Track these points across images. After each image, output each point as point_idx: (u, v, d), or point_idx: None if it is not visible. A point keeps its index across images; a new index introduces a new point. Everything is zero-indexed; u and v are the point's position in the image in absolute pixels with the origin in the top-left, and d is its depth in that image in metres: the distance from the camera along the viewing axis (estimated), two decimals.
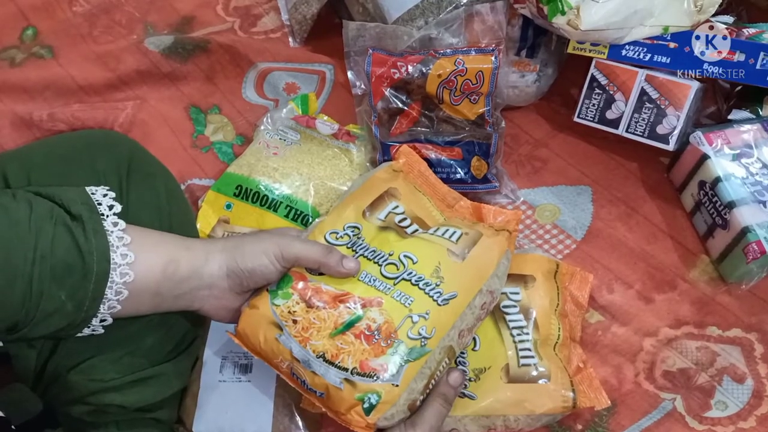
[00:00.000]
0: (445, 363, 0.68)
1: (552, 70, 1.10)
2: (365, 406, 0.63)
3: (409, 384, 0.64)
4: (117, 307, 0.63)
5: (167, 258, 0.65)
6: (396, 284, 0.69)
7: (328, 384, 0.64)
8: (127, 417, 0.72)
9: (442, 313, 0.68)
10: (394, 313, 0.66)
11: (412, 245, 0.72)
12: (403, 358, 0.64)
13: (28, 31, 1.31)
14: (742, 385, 0.84)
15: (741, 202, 0.89)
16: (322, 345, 0.65)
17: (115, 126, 1.14)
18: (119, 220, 0.64)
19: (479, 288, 0.71)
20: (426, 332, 0.66)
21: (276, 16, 1.30)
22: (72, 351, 0.70)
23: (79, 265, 0.60)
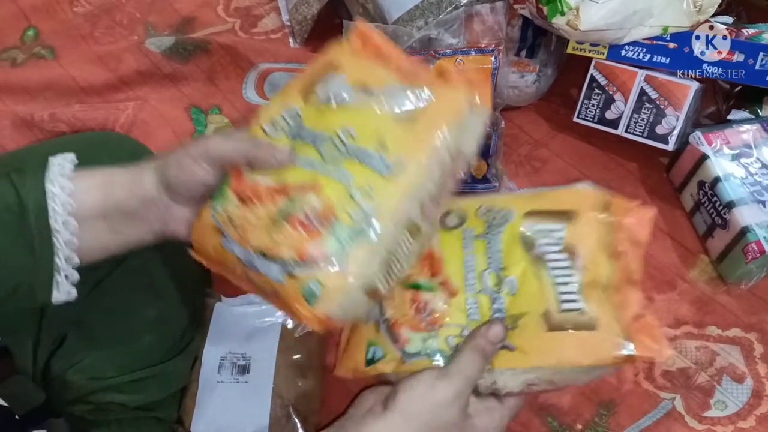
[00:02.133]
0: (407, 243, 0.60)
1: (551, 71, 1.10)
2: (307, 296, 0.57)
3: (358, 268, 0.57)
4: (74, 241, 0.59)
5: (102, 179, 0.62)
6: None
7: (273, 282, 0.58)
8: (128, 416, 0.73)
9: (390, 185, 0.59)
10: (334, 195, 0.59)
11: (352, 117, 0.62)
12: (345, 241, 0.57)
13: (29, 32, 1.31)
14: (741, 385, 0.84)
15: (740, 202, 0.89)
16: (260, 242, 0.59)
17: (116, 126, 1.14)
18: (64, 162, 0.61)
19: (433, 148, 0.61)
20: (371, 210, 0.58)
21: (276, 16, 1.30)
22: (71, 350, 0.71)
23: (14, 200, 0.58)
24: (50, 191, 0.59)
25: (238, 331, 0.86)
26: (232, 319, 0.87)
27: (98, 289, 0.70)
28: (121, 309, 0.72)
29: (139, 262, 0.72)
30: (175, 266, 0.77)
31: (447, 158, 0.61)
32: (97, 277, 0.70)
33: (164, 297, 0.75)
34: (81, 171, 0.62)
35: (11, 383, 0.64)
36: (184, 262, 0.78)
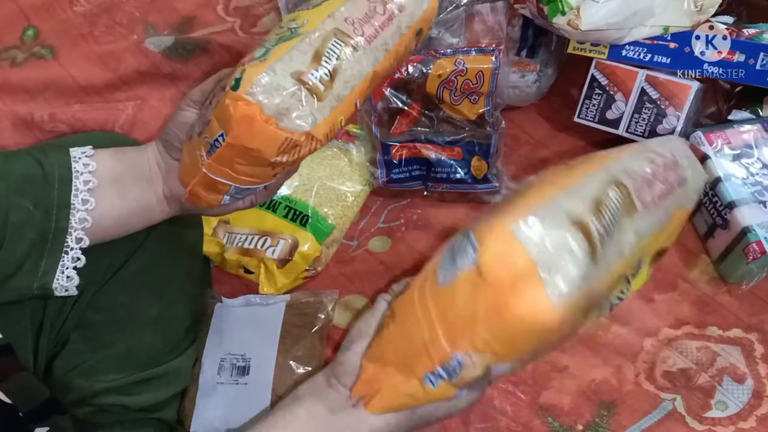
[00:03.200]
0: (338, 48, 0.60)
1: (552, 71, 1.10)
2: (232, 85, 0.56)
3: (281, 56, 0.57)
4: (88, 220, 0.62)
5: (115, 149, 0.66)
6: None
7: (213, 113, 0.58)
8: (131, 417, 0.73)
9: (313, 11, 0.62)
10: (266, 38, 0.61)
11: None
12: (270, 44, 0.59)
13: (28, 31, 1.31)
14: (742, 386, 0.84)
15: (741, 202, 0.89)
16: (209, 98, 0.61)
17: (116, 126, 1.14)
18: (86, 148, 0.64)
19: None
20: (295, 25, 0.60)
21: (276, 16, 1.30)
22: (74, 352, 0.70)
23: (39, 172, 0.61)
24: (74, 167, 0.62)
25: (238, 332, 0.86)
26: (232, 320, 0.87)
27: (100, 291, 0.70)
28: (122, 311, 0.72)
29: (141, 263, 0.72)
30: (176, 267, 0.77)
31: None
32: (100, 279, 0.70)
33: (166, 298, 0.75)
34: (98, 149, 0.65)
35: (16, 379, 0.64)
36: (185, 263, 0.79)
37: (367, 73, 0.62)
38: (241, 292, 0.93)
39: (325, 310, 0.88)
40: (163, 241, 0.72)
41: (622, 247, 0.51)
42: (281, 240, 0.93)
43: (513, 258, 0.46)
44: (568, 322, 0.47)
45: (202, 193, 0.64)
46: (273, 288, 0.93)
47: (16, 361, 0.66)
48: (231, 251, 0.94)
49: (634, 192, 0.53)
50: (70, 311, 0.70)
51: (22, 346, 0.68)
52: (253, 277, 0.94)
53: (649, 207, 0.54)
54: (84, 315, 0.70)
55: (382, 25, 0.63)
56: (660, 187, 0.55)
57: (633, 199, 0.52)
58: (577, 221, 0.47)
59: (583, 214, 0.48)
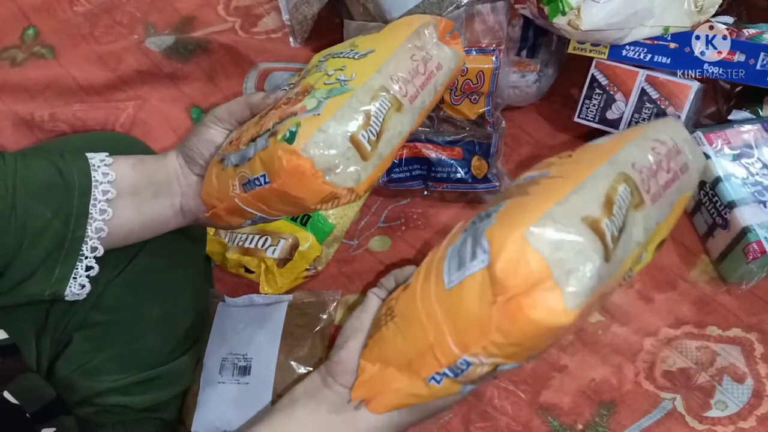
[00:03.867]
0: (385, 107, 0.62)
1: (552, 71, 1.10)
2: (286, 137, 0.58)
3: (335, 113, 0.59)
4: (104, 229, 0.63)
5: (134, 159, 0.67)
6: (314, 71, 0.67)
7: (259, 154, 0.60)
8: (133, 417, 0.73)
9: (360, 63, 0.64)
10: (311, 80, 0.64)
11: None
12: (323, 96, 0.61)
13: (29, 31, 1.31)
14: (742, 385, 0.84)
15: (741, 202, 0.89)
16: (251, 134, 0.63)
17: (116, 126, 1.14)
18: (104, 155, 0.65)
19: (400, 42, 0.66)
20: (344, 77, 0.62)
21: (277, 16, 1.30)
22: (77, 352, 0.70)
23: (59, 181, 0.62)
24: (93, 176, 0.63)
25: (240, 332, 0.86)
26: (233, 320, 0.87)
27: (104, 291, 0.71)
28: (126, 311, 0.72)
29: (144, 264, 0.72)
30: (179, 268, 0.77)
31: (417, 54, 0.66)
32: (104, 280, 0.70)
33: (169, 298, 0.75)
34: (116, 156, 0.66)
35: (23, 380, 0.64)
36: (188, 264, 0.79)
37: (406, 132, 0.64)
38: (242, 292, 0.93)
39: (327, 310, 0.88)
40: (167, 242, 0.72)
41: (631, 243, 0.50)
42: (281, 239, 0.93)
43: (527, 263, 0.45)
44: (580, 320, 0.46)
45: (225, 216, 0.67)
46: (273, 287, 0.93)
47: (23, 361, 0.67)
48: (232, 251, 0.94)
49: (641, 185, 0.52)
50: (73, 312, 0.70)
51: (25, 346, 0.69)
52: (253, 276, 0.94)
53: (655, 198, 0.53)
54: (87, 315, 0.70)
55: (423, 85, 0.66)
56: (665, 177, 0.54)
57: (641, 192, 0.52)
58: (590, 222, 0.46)
59: (596, 214, 0.47)
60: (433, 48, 0.68)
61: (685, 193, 0.57)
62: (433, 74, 0.67)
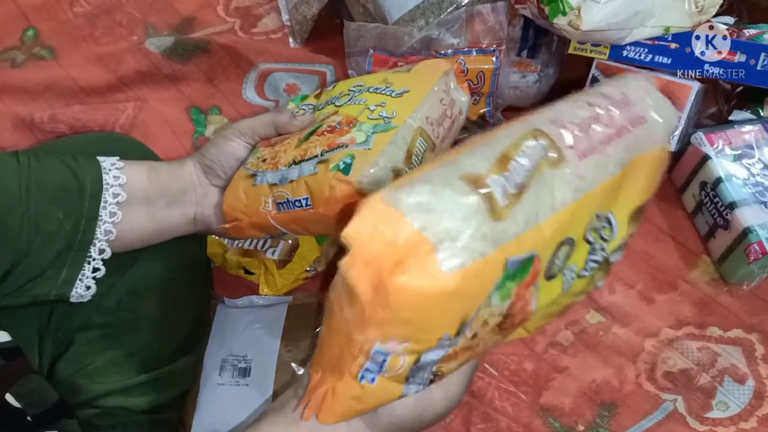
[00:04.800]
0: (423, 147, 0.66)
1: (553, 71, 1.10)
2: (342, 167, 0.61)
3: (383, 149, 0.63)
4: (113, 232, 0.64)
5: (149, 167, 0.68)
6: (348, 102, 0.70)
7: (306, 179, 0.63)
8: (134, 419, 0.73)
9: (398, 101, 0.68)
10: (353, 111, 0.68)
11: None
12: (370, 130, 0.64)
13: (28, 32, 1.31)
14: (743, 386, 0.84)
15: (742, 203, 0.89)
16: (292, 156, 0.66)
17: (116, 127, 1.14)
18: (115, 159, 0.67)
19: (431, 84, 0.71)
20: (386, 113, 0.66)
21: (276, 16, 1.30)
22: (78, 354, 0.70)
23: (74, 185, 0.63)
24: (105, 180, 0.64)
25: (240, 333, 0.86)
26: (233, 321, 0.87)
27: (106, 293, 0.71)
28: (128, 313, 0.72)
29: (146, 266, 0.72)
30: (180, 270, 0.77)
31: (444, 98, 0.71)
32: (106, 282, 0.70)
33: (171, 301, 0.75)
34: (128, 161, 0.67)
35: (26, 382, 0.64)
36: (189, 266, 0.79)
37: None
38: (241, 293, 0.93)
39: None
40: (169, 244, 0.72)
41: (548, 203, 0.43)
42: (281, 241, 0.93)
43: (392, 230, 0.38)
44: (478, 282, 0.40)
45: (247, 229, 0.68)
46: (273, 289, 0.93)
47: (26, 363, 0.67)
48: (231, 252, 0.94)
49: (558, 140, 0.44)
50: (75, 313, 0.70)
51: (27, 348, 0.69)
52: (253, 278, 0.94)
53: (586, 155, 0.45)
54: (89, 317, 0.70)
55: (449, 128, 0.72)
56: (603, 132, 0.46)
57: (560, 148, 0.44)
58: (471, 179, 0.40)
59: (480, 171, 0.40)
60: (455, 94, 0.73)
61: (647, 153, 0.49)
62: (456, 118, 0.73)
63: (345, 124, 0.66)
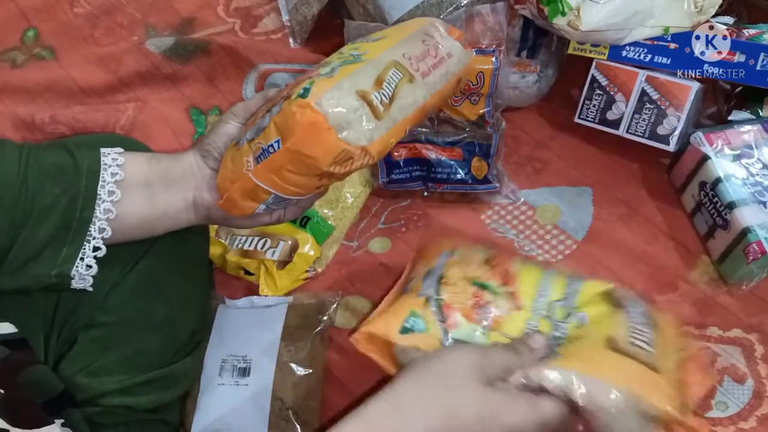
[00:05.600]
0: (397, 77, 0.65)
1: (552, 71, 1.10)
2: (300, 93, 0.60)
3: (348, 75, 0.62)
4: (112, 211, 0.65)
5: (149, 155, 0.70)
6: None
7: (274, 119, 0.62)
8: (136, 418, 0.73)
9: (374, 44, 0.68)
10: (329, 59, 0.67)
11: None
12: (335, 66, 0.64)
13: (29, 33, 1.31)
14: (742, 386, 0.84)
15: (741, 203, 0.89)
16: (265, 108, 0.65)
17: (117, 128, 1.14)
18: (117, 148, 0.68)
19: (412, 30, 0.71)
20: (358, 52, 0.66)
21: (276, 16, 1.30)
22: (82, 353, 0.71)
23: (70, 163, 0.64)
24: (103, 161, 0.65)
25: (240, 334, 0.86)
26: (234, 321, 0.88)
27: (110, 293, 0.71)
28: (132, 313, 0.72)
29: (150, 266, 0.73)
30: (184, 271, 0.77)
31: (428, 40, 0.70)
32: (110, 282, 0.70)
33: (174, 301, 0.76)
34: (130, 152, 0.69)
35: (31, 372, 0.65)
36: (192, 267, 0.79)
37: (419, 104, 0.67)
38: (241, 294, 0.93)
39: (326, 312, 0.88)
40: (172, 244, 0.72)
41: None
42: (281, 241, 0.93)
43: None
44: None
45: (239, 199, 0.67)
46: (273, 289, 0.93)
47: (31, 354, 0.68)
48: (231, 253, 0.94)
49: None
50: (79, 312, 0.71)
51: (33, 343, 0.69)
52: (253, 278, 0.94)
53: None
54: (93, 316, 0.71)
55: (434, 66, 0.69)
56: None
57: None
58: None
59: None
60: (443, 40, 0.71)
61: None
62: (444, 60, 0.70)
63: (317, 67, 0.65)
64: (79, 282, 0.66)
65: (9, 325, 0.66)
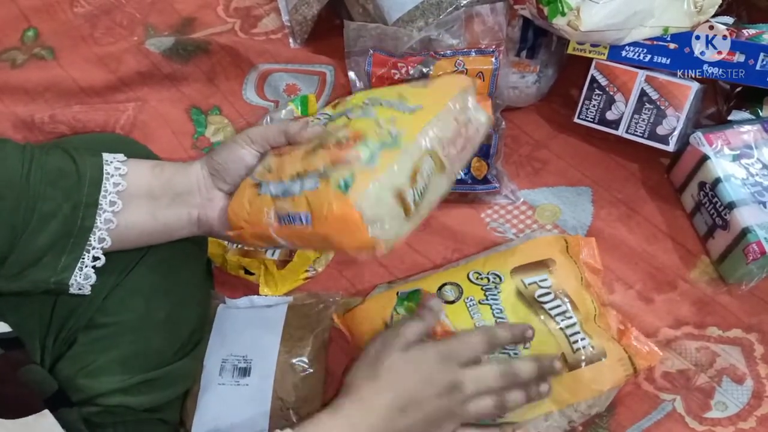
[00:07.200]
0: (431, 168, 0.65)
1: (552, 71, 1.10)
2: (340, 185, 0.60)
3: (387, 168, 0.62)
4: (113, 221, 0.65)
5: (153, 163, 0.69)
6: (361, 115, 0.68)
7: (307, 194, 0.62)
8: (135, 418, 0.73)
9: (410, 117, 0.66)
10: (362, 126, 0.66)
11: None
12: (375, 149, 0.63)
13: (29, 33, 1.31)
14: (741, 386, 0.84)
15: (741, 203, 0.89)
16: (296, 169, 0.64)
17: (117, 128, 1.14)
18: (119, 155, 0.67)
19: (447, 101, 0.69)
20: (395, 130, 0.64)
21: (276, 17, 1.30)
22: (81, 353, 0.71)
23: (73, 169, 0.64)
24: (106, 169, 0.65)
25: (240, 333, 0.86)
26: (234, 321, 0.88)
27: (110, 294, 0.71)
28: (131, 313, 0.72)
29: (149, 267, 0.73)
30: (183, 271, 0.77)
31: (459, 117, 0.69)
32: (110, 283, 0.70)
33: (174, 301, 0.76)
34: (132, 158, 0.68)
35: (26, 372, 0.65)
36: (191, 267, 0.80)
37: (443, 194, 0.68)
38: (242, 293, 0.93)
39: (327, 312, 0.88)
40: (172, 244, 0.72)
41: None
42: None
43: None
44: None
45: (250, 239, 0.68)
46: (273, 289, 0.93)
47: (26, 353, 0.67)
48: (232, 252, 0.94)
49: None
50: (79, 313, 0.71)
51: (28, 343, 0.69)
52: (253, 278, 0.94)
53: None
54: (93, 317, 0.71)
55: (462, 147, 0.70)
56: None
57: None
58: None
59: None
60: (472, 112, 0.71)
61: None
62: (471, 138, 0.71)
63: (352, 138, 0.64)
64: (77, 289, 0.66)
65: (3, 324, 0.66)
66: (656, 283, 0.93)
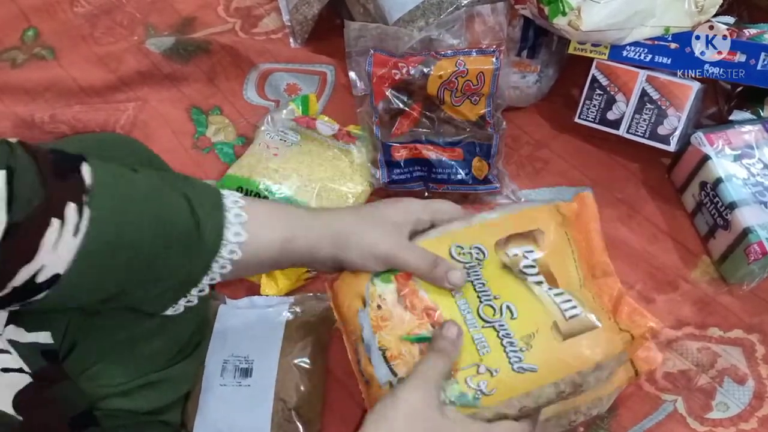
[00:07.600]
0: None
1: (553, 71, 1.10)
2: (459, 398, 0.64)
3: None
4: (218, 279, 0.66)
5: (287, 234, 0.68)
6: (483, 328, 0.67)
7: (376, 377, 0.66)
8: (136, 420, 0.73)
9: (512, 379, 0.65)
10: (465, 354, 0.65)
11: (521, 297, 0.69)
12: (450, 399, 0.63)
13: (29, 32, 1.31)
14: (743, 386, 0.84)
15: (742, 203, 0.89)
16: (388, 341, 0.66)
17: (117, 127, 1.14)
18: (240, 199, 0.67)
19: (563, 376, 0.66)
20: (485, 388, 0.64)
21: (277, 16, 1.30)
22: (81, 357, 0.70)
23: (195, 239, 0.62)
24: (225, 237, 0.64)
25: (241, 334, 0.86)
26: (235, 322, 0.87)
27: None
28: (131, 316, 0.72)
29: None
30: None
31: (569, 389, 0.66)
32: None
33: None
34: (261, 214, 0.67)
35: (62, 388, 0.65)
36: None
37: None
38: (242, 294, 0.93)
39: (328, 312, 0.88)
40: None
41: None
42: None
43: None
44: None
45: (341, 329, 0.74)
46: (274, 289, 0.93)
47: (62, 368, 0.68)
48: None
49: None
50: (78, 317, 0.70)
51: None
52: (254, 278, 0.94)
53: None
54: (92, 320, 0.70)
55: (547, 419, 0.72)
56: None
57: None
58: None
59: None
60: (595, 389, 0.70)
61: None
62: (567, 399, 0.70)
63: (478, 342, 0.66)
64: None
65: (47, 334, 0.66)
66: (657, 283, 0.93)
